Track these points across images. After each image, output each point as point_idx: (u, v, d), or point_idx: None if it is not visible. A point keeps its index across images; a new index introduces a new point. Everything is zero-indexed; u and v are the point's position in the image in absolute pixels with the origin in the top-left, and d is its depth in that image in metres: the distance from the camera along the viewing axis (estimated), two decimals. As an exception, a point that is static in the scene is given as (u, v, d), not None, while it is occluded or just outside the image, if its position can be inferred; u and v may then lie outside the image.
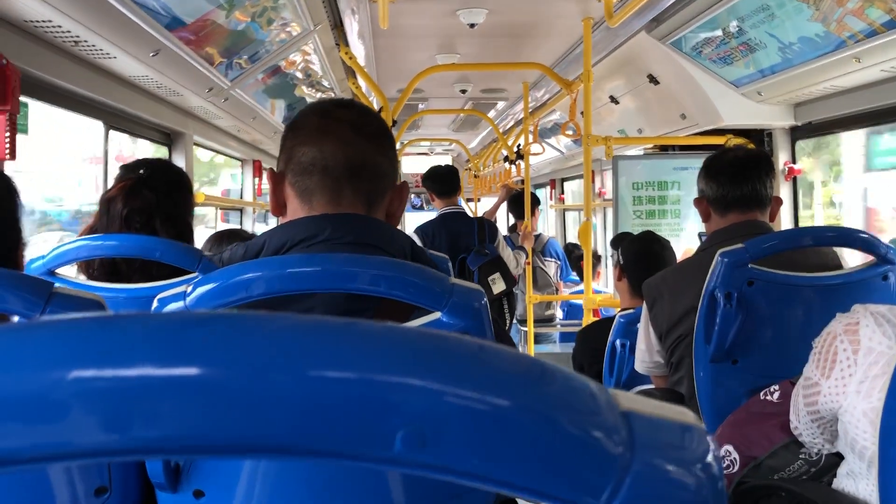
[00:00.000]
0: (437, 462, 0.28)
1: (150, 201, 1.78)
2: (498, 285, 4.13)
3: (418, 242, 4.23)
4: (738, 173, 2.03)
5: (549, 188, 8.34)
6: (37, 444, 0.27)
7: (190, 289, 1.01)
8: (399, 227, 1.23)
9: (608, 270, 6.06)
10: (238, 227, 4.74)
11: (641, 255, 2.76)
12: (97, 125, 2.92)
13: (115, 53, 2.39)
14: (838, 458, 1.40)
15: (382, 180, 1.14)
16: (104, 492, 0.99)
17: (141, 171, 1.82)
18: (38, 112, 2.37)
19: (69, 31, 2.14)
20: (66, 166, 3.42)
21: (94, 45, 2.29)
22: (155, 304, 1.02)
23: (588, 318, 3.66)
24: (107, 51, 2.35)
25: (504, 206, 6.06)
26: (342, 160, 1.11)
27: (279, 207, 1.17)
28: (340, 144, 1.11)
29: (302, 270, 1.01)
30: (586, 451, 0.29)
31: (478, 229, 4.22)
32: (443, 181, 4.37)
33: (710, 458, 0.31)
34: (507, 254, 4.29)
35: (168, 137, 3.54)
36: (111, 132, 3.00)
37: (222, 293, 1.00)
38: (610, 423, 0.30)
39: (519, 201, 5.31)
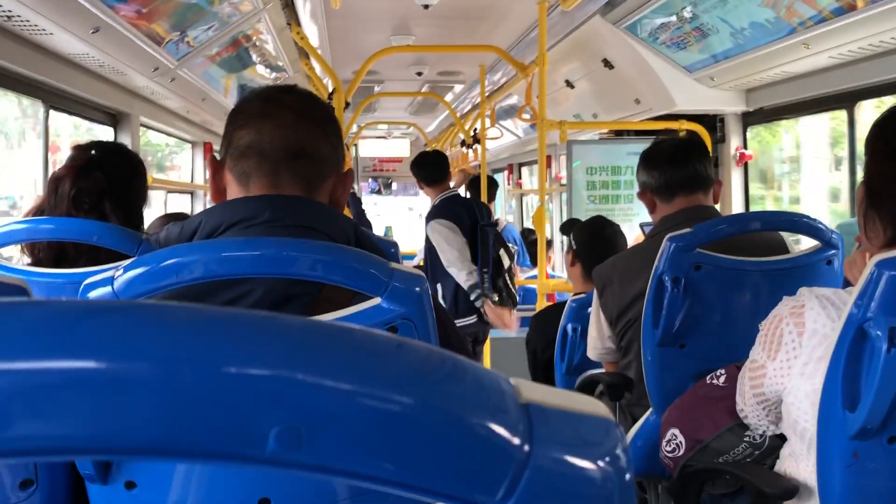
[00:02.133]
0: (316, 462, 0.26)
1: (100, 183, 1.73)
2: (504, 259, 4.10)
3: (449, 229, 4.04)
4: (677, 158, 2.06)
5: (506, 173, 8.35)
6: None
7: (118, 273, 0.97)
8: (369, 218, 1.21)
9: (559, 255, 6.09)
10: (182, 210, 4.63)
11: (594, 240, 2.76)
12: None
13: (52, 30, 2.30)
14: (781, 440, 1.42)
15: (323, 166, 1.12)
16: (30, 484, 0.96)
17: (93, 152, 1.77)
18: None
19: (0, 6, 2.05)
20: None
21: (28, 21, 2.20)
22: (81, 289, 0.98)
23: (542, 303, 3.67)
24: (42, 26, 2.26)
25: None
26: (280, 144, 1.08)
27: (218, 194, 1.14)
28: (280, 128, 1.08)
29: (238, 255, 0.97)
30: (478, 447, 0.27)
31: (479, 206, 4.16)
32: (435, 166, 4.16)
33: (618, 450, 0.29)
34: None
35: (113, 118, 3.45)
36: (51, 112, 2.90)
37: (152, 278, 0.96)
38: (509, 416, 0.28)
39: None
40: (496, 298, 3.91)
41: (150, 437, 0.25)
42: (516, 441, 0.28)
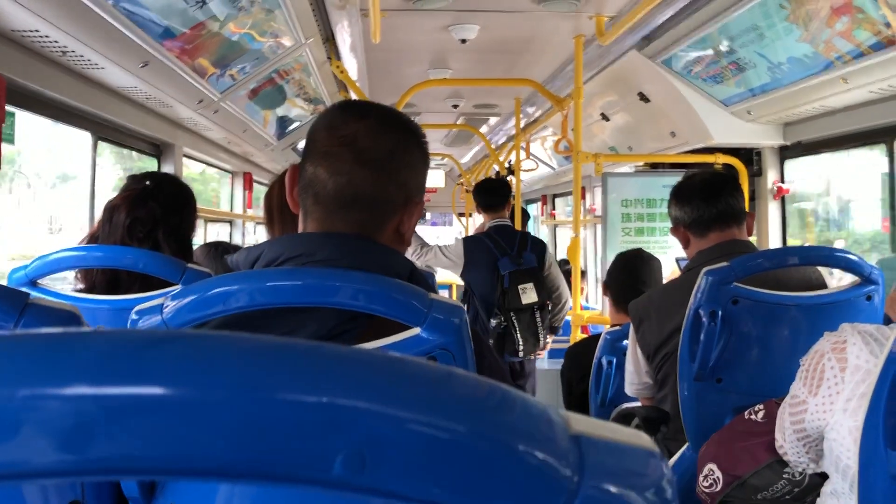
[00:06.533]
0: (378, 486, 0.27)
1: (154, 212, 1.77)
2: (528, 295, 3.98)
3: (448, 247, 4.04)
4: (709, 193, 2.04)
5: (540, 204, 8.37)
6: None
7: (168, 301, 0.99)
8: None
9: (592, 287, 6.06)
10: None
11: (628, 273, 2.76)
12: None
13: (104, 64, 2.38)
14: (822, 478, 1.39)
15: (380, 208, 1.09)
16: (77, 506, 0.98)
17: (147, 183, 1.82)
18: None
19: (57, 42, 2.13)
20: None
21: (82, 56, 2.28)
22: (132, 316, 1.01)
23: (576, 335, 3.66)
24: (95, 61, 2.34)
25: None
26: (332, 192, 1.06)
27: (295, 204, 1.14)
28: (333, 175, 1.06)
29: (281, 284, 0.99)
30: (533, 475, 0.28)
31: (519, 239, 4.05)
32: (491, 193, 4.18)
33: (663, 482, 0.31)
34: (554, 272, 4.07)
35: (157, 149, 3.53)
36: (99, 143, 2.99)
37: (200, 306, 0.98)
38: (560, 447, 0.29)
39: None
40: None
41: (224, 459, 0.27)
42: (567, 471, 0.29)
